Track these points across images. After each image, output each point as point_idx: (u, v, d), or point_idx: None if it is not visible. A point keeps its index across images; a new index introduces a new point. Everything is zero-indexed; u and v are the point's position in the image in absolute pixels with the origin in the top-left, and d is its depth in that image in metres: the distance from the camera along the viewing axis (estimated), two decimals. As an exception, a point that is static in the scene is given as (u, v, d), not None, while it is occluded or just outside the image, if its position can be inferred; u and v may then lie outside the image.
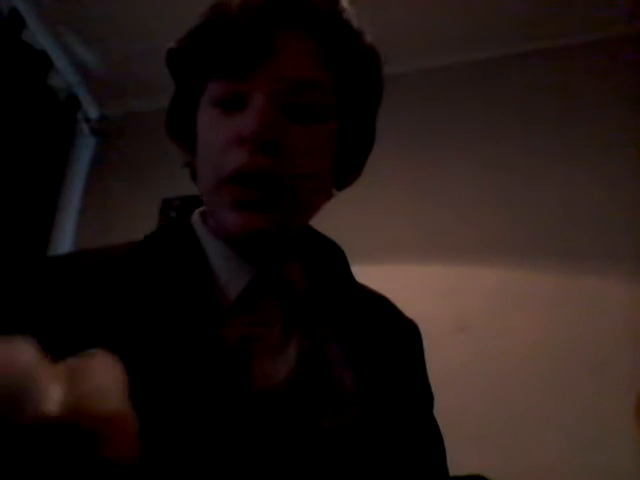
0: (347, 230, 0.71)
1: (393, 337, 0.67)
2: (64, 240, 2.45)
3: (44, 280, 0.55)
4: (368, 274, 0.78)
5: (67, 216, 2.50)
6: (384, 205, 1.95)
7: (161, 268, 0.58)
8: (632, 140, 1.89)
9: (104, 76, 2.48)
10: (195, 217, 0.66)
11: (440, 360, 0.88)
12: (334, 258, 0.68)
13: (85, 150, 2.61)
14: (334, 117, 0.60)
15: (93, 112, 2.63)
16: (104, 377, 0.27)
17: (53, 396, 0.25)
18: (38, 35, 2.26)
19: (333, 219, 0.83)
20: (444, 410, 0.72)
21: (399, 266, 1.92)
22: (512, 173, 2.02)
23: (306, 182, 0.57)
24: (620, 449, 1.60)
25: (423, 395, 0.69)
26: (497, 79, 2.15)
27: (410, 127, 2.15)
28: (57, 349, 0.47)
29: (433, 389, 0.70)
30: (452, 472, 0.67)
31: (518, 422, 1.71)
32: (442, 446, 0.67)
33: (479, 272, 1.94)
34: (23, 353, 0.25)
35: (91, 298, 0.53)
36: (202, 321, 0.55)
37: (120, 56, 2.38)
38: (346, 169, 0.65)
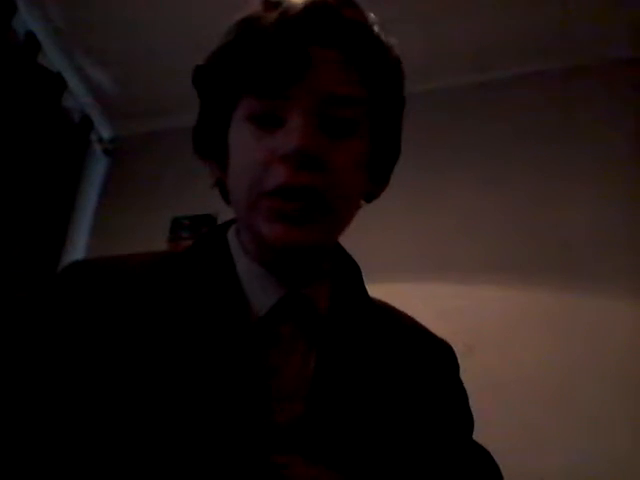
0: (347, 249, 0.71)
1: (421, 360, 0.65)
2: (76, 259, 2.45)
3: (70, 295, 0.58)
4: (370, 293, 0.77)
5: (79, 235, 2.51)
6: (384, 224, 1.94)
7: (193, 284, 0.59)
8: (633, 158, 1.89)
9: (117, 97, 2.51)
10: (231, 233, 0.66)
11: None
12: (353, 277, 0.67)
13: (97, 170, 2.64)
14: (368, 131, 0.60)
15: (106, 132, 2.67)
16: None
17: None
18: (53, 57, 2.29)
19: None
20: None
21: (400, 285, 1.91)
22: (515, 193, 2.02)
23: (345, 196, 0.58)
24: (626, 464, 1.60)
25: (458, 417, 0.67)
26: (499, 99, 2.15)
27: (412, 147, 2.15)
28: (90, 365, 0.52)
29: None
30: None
31: (527, 440, 1.69)
32: (488, 463, 0.66)
33: (483, 291, 1.92)
34: None
35: (122, 310, 0.56)
36: (231, 338, 0.56)
37: (132, 77, 2.41)
38: (376, 181, 0.65)
